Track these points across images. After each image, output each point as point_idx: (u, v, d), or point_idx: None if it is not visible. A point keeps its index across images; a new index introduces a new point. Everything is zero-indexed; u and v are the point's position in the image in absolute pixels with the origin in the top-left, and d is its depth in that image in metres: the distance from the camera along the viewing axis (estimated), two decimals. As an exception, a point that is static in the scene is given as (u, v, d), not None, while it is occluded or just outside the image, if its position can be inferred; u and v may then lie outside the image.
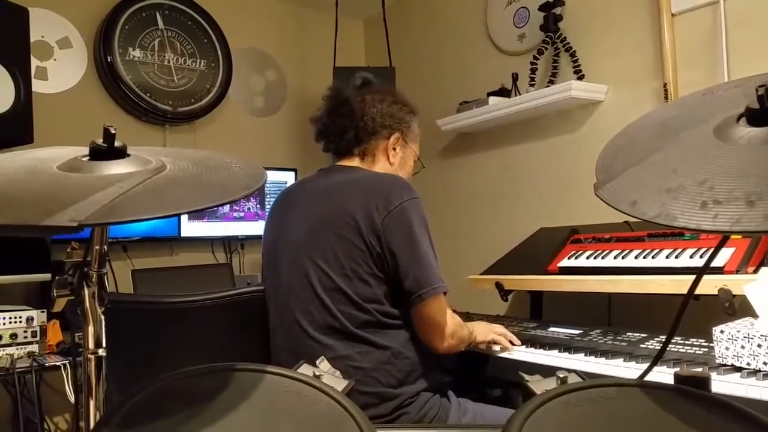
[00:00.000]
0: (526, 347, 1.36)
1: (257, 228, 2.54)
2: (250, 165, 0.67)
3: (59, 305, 0.71)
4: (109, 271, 0.83)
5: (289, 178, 2.61)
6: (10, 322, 1.79)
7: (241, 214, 2.52)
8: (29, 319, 1.82)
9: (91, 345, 0.68)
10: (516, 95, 2.23)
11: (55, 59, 2.21)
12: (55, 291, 0.70)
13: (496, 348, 1.36)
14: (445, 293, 1.18)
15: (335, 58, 2.59)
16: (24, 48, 1.77)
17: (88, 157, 0.62)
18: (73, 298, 0.70)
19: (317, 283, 1.16)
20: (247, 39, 2.73)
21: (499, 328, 1.39)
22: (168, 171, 0.60)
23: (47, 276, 1.99)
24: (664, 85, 1.83)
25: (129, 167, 0.60)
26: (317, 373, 0.62)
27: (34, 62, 2.08)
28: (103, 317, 0.70)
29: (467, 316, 1.67)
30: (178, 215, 0.50)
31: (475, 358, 1.40)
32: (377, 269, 1.15)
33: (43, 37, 2.20)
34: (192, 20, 2.50)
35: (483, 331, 1.36)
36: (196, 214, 2.37)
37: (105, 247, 0.71)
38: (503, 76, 2.33)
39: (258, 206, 2.57)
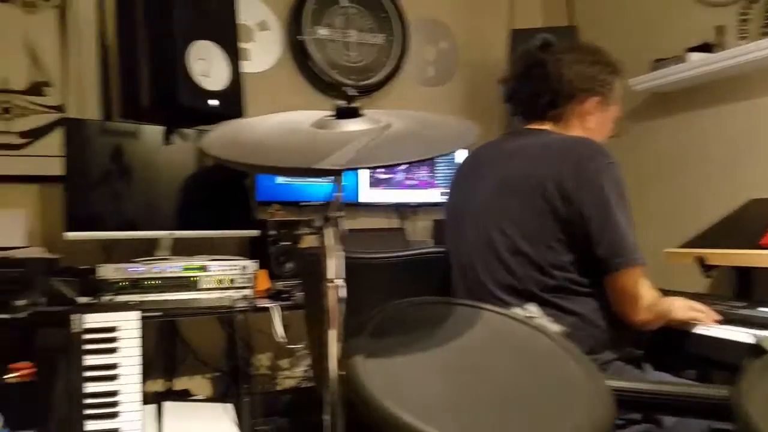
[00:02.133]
0: (733, 326, 1.27)
1: (429, 195, 2.66)
2: (461, 122, 0.74)
3: (307, 242, 0.85)
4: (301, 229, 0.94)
5: (459, 145, 2.68)
6: (230, 270, 2.12)
7: (415, 182, 2.66)
8: (244, 268, 2.13)
9: (331, 275, 0.81)
10: (721, 50, 2.02)
11: (255, 41, 2.52)
12: (303, 229, 0.84)
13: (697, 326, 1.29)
14: (641, 266, 1.14)
15: (511, 21, 2.57)
16: (233, 30, 2.04)
17: (333, 117, 0.74)
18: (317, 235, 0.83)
19: (501, 246, 1.20)
20: (423, 10, 2.83)
21: (700, 305, 1.32)
22: (394, 128, 0.70)
23: (256, 232, 2.31)
24: None
25: (364, 125, 0.71)
26: (531, 315, 0.68)
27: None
28: (341, 253, 0.82)
29: (662, 294, 1.60)
30: (410, 163, 0.59)
31: (671, 334, 1.34)
32: (564, 235, 1.15)
33: (244, 21, 2.51)
34: (372, -6, 2.66)
35: (682, 307, 1.29)
36: (376, 182, 2.57)
37: (341, 194, 0.83)
38: (704, 30, 2.13)
39: (430, 175, 2.69)
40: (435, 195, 2.73)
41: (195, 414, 1.99)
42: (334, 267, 0.82)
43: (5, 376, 1.78)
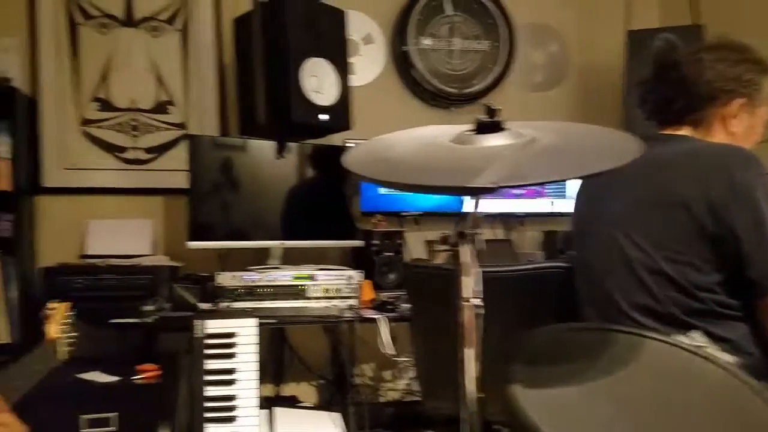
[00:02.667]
0: None
1: (537, 205, 2.57)
2: (610, 132, 0.68)
3: (440, 258, 0.83)
4: (403, 240, 0.90)
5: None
6: (336, 279, 2.15)
7: (522, 191, 2.57)
8: (350, 278, 2.16)
9: (467, 294, 0.78)
10: None
11: (360, 54, 2.57)
12: (438, 246, 0.82)
13: None
14: None
15: (627, 21, 2.43)
16: (344, 46, 2.09)
17: (473, 132, 0.72)
18: (451, 252, 0.81)
19: (637, 264, 1.11)
20: (531, 14, 2.76)
21: None
22: (541, 142, 0.66)
23: (360, 242, 2.34)
24: None
25: (507, 139, 0.68)
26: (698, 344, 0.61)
27: (344, 58, 2.43)
28: (479, 270, 0.79)
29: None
30: (566, 180, 0.55)
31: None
32: (712, 255, 1.05)
33: (351, 35, 2.56)
34: (477, 2, 2.63)
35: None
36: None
37: (478, 210, 0.80)
38: None
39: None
40: (544, 205, 2.63)
41: (304, 421, 2.03)
42: (471, 285, 0.79)
43: (133, 378, 1.90)
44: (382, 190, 2.54)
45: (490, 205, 2.62)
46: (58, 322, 1.17)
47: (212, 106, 2.52)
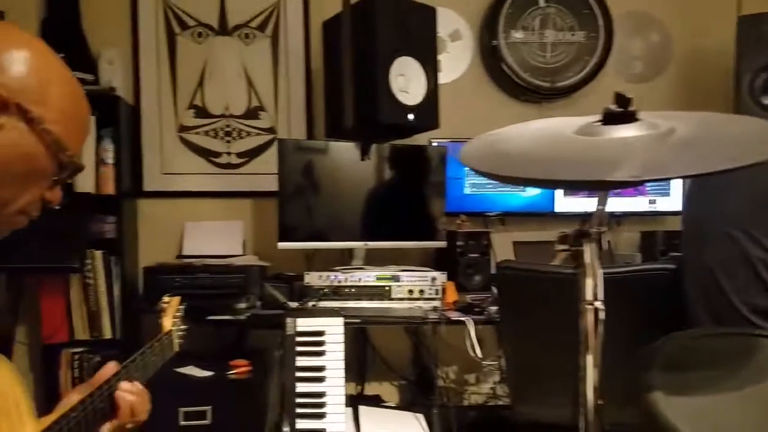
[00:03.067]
0: None
1: (636, 204, 2.44)
2: (758, 121, 0.62)
3: (559, 258, 0.79)
4: (490, 241, 0.84)
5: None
6: (420, 281, 2.14)
7: (619, 189, 2.45)
8: (433, 279, 2.14)
9: (588, 296, 0.74)
10: None
11: (447, 52, 2.54)
12: (556, 246, 0.78)
13: None
14: None
15: (738, 6, 2.27)
16: (432, 43, 2.07)
17: (600, 122, 0.67)
18: (570, 252, 0.77)
19: (761, 265, 1.02)
20: (627, 3, 2.65)
21: None
22: (680, 133, 0.61)
23: (443, 243, 2.31)
24: None
25: (640, 130, 0.63)
26: None
27: (432, 56, 2.40)
28: (601, 272, 0.75)
29: None
30: (711, 174, 0.51)
31: None
32: None
33: (438, 32, 2.54)
34: (573, -8, 2.55)
35: None
36: (573, 190, 2.42)
37: (604, 207, 0.76)
38: None
39: (637, 180, 2.47)
40: (643, 203, 2.50)
41: (389, 420, 2.02)
42: (592, 287, 0.75)
43: (227, 372, 1.97)
44: (467, 190, 2.51)
45: (584, 205, 2.51)
46: (171, 315, 1.22)
47: (300, 111, 2.58)
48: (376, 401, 2.41)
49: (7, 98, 0.70)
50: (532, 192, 2.53)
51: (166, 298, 1.25)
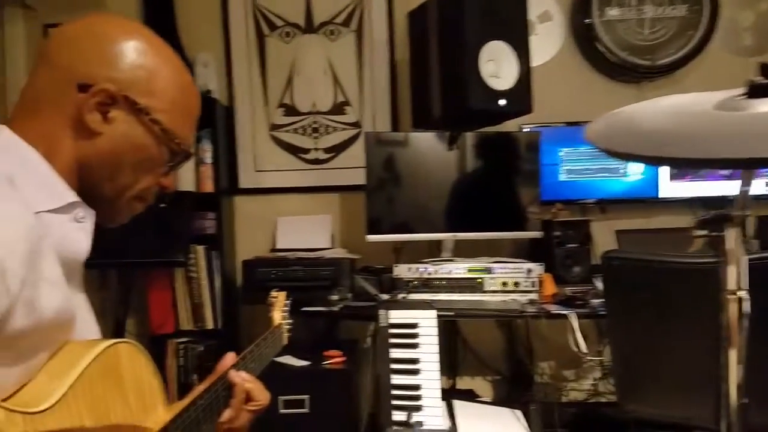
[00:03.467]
0: None
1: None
2: None
3: (696, 245, 0.73)
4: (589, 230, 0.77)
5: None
6: (514, 272, 2.07)
7: (728, 172, 2.25)
8: (528, 271, 2.06)
9: (731, 286, 0.67)
10: None
11: (536, 34, 2.45)
12: (694, 231, 0.72)
13: None
14: None
15: None
16: (523, 26, 1.99)
17: (743, 96, 0.61)
18: (710, 238, 0.70)
19: None
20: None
21: None
22: None
23: (538, 233, 2.23)
24: None
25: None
26: None
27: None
28: (746, 258, 0.68)
29: None
30: None
31: None
32: None
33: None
34: (672, -36, 2.38)
35: None
36: (679, 173, 2.26)
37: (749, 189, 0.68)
38: None
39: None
40: (758, 186, 2.28)
41: (485, 415, 1.98)
42: (736, 276, 0.67)
43: (322, 363, 2.00)
44: (563, 177, 2.40)
45: (691, 189, 2.34)
46: (280, 309, 1.25)
47: (385, 103, 2.58)
48: (470, 396, 2.37)
49: (115, 92, 0.73)
50: (635, 177, 2.38)
51: (273, 293, 1.29)
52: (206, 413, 0.86)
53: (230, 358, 0.98)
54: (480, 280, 2.09)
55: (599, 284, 1.99)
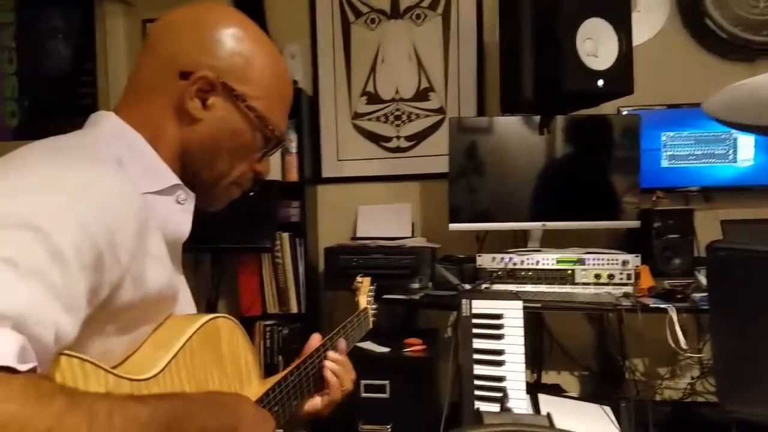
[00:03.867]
0: None
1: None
2: None
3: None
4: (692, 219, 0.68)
5: None
6: (608, 264, 1.96)
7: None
8: (624, 262, 1.95)
9: None
10: None
11: (638, 10, 2.30)
12: None
13: None
14: None
15: None
16: (625, 2, 1.87)
17: None
18: None
19: None
20: None
21: None
22: None
23: (635, 223, 2.10)
24: None
25: None
26: None
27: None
28: None
29: None
30: None
31: None
32: None
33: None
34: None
35: None
36: None
37: None
38: None
39: None
40: None
41: (572, 410, 1.90)
42: None
43: (403, 350, 2.00)
44: (665, 163, 2.25)
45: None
46: (365, 294, 1.26)
47: (471, 88, 2.52)
48: (555, 390, 2.29)
49: (214, 79, 0.74)
50: (745, 163, 2.18)
51: (359, 278, 1.29)
52: (296, 390, 0.89)
53: (316, 339, 1.00)
54: (570, 271, 2.00)
55: (701, 278, 1.85)
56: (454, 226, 2.20)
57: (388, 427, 1.92)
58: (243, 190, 0.85)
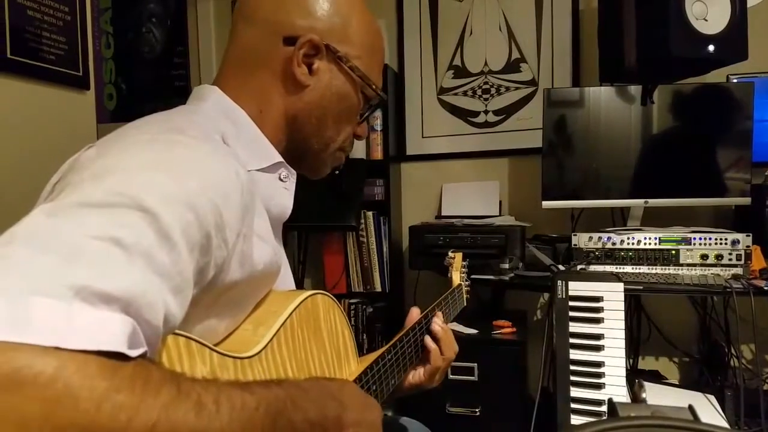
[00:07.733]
0: None
1: None
2: None
3: None
4: None
5: None
6: (716, 244, 1.80)
7: None
8: (734, 242, 1.79)
9: None
10: None
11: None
12: None
13: None
14: None
15: None
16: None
17: None
18: None
19: None
20: None
21: None
22: None
23: (745, 200, 1.92)
24: None
25: None
26: None
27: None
28: None
29: None
30: None
31: None
32: None
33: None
34: None
35: None
36: None
37: None
38: None
39: None
40: None
41: (675, 398, 1.77)
42: None
43: (492, 332, 1.95)
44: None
45: None
46: (458, 270, 1.22)
47: (566, 57, 2.39)
48: (655, 377, 2.16)
49: (319, 42, 0.71)
50: None
51: (451, 254, 1.25)
52: (394, 367, 0.88)
53: (415, 312, 0.98)
54: (674, 252, 1.85)
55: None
56: (547, 204, 2.09)
57: (477, 410, 1.88)
58: (347, 155, 0.84)
